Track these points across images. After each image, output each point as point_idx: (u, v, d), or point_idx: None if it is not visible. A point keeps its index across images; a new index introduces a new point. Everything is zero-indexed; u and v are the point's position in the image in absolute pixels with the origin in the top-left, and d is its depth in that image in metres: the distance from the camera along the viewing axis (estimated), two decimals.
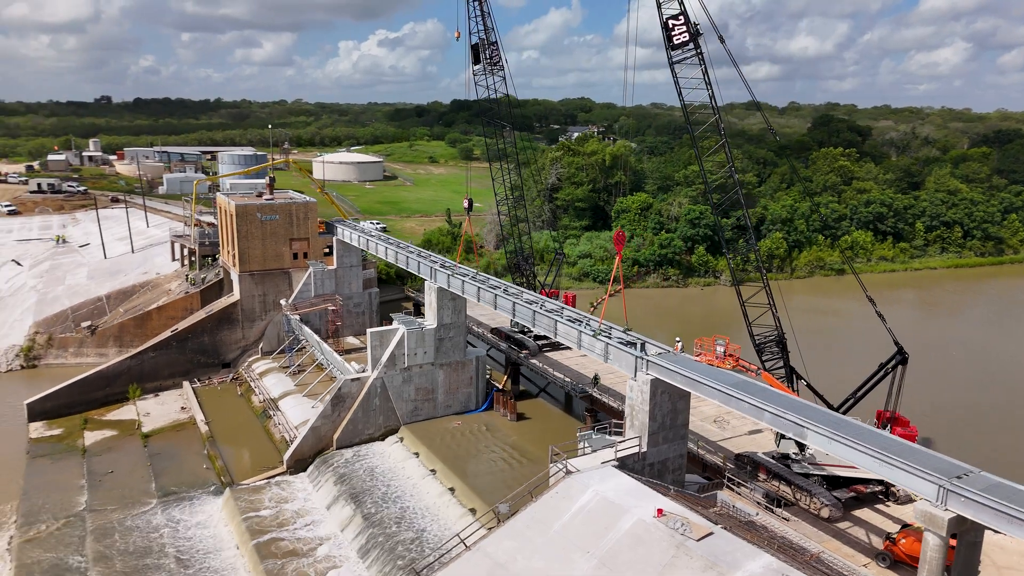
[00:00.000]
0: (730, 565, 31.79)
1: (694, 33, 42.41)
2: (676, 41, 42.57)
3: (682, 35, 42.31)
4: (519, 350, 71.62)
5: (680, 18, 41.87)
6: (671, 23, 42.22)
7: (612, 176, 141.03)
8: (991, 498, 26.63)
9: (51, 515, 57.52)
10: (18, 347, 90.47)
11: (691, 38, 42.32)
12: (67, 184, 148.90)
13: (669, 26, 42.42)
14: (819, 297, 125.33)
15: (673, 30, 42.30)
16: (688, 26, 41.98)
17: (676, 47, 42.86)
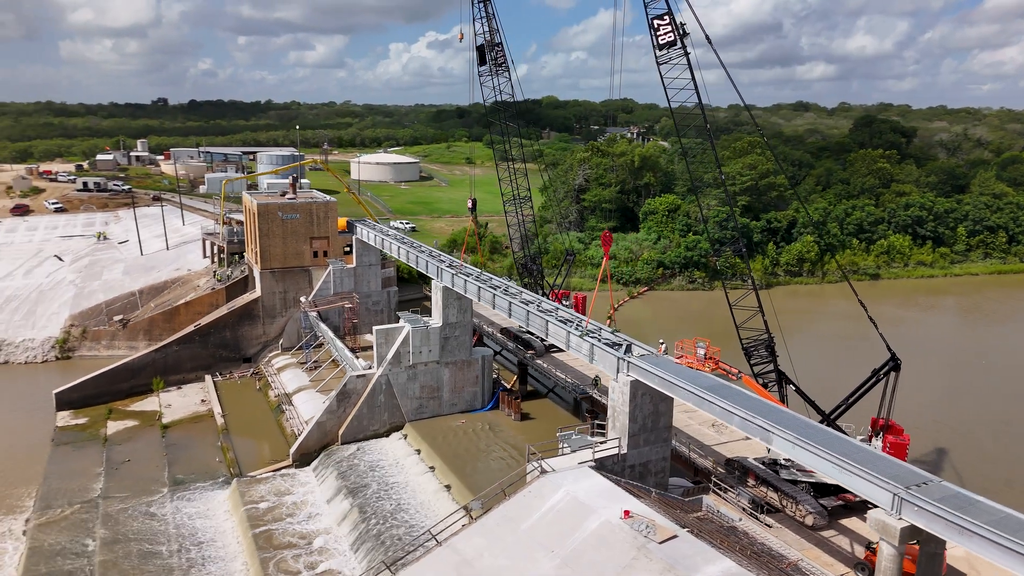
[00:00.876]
0: (688, 568, 31.55)
1: (680, 34, 42.07)
2: (662, 41, 42.31)
3: (667, 35, 42.03)
4: (525, 350, 71.84)
5: (665, 18, 41.62)
6: (656, 23, 41.99)
7: (641, 177, 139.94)
8: (944, 508, 25.90)
9: (67, 500, 59.85)
10: (54, 339, 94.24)
11: (677, 38, 41.97)
12: (112, 183, 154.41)
13: (654, 26, 42.20)
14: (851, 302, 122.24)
15: (659, 30, 42.06)
16: (674, 26, 41.67)
17: (662, 47, 42.58)
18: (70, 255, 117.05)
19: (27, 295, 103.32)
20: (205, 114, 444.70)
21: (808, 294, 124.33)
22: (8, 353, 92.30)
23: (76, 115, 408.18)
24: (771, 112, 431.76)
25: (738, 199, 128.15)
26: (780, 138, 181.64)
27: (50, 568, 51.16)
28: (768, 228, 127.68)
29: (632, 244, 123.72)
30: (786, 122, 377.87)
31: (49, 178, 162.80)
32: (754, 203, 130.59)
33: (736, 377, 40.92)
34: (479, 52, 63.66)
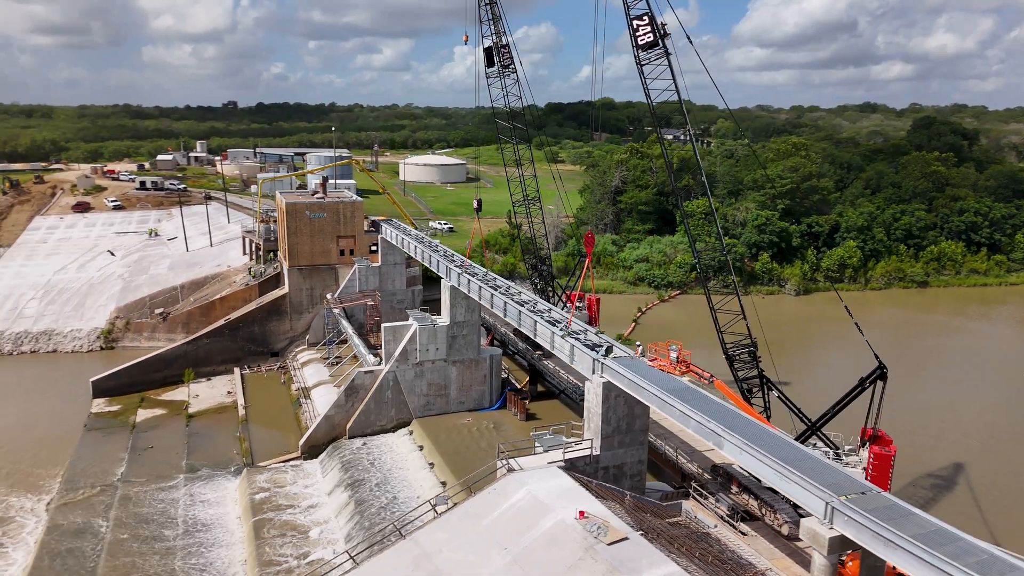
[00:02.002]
0: (631, 571, 31.43)
1: (661, 34, 41.72)
2: (641, 42, 42.04)
3: (646, 36, 41.73)
4: (534, 350, 72.06)
5: (645, 19, 41.33)
6: (635, 24, 41.75)
7: (680, 179, 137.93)
8: (873, 519, 25.16)
9: (89, 483, 63.00)
10: (100, 330, 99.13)
11: (657, 39, 41.62)
12: (168, 182, 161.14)
13: (634, 27, 41.97)
14: (896, 309, 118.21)
15: (638, 31, 41.80)
16: (654, 27, 41.35)
17: (641, 48, 42.30)
18: (122, 250, 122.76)
19: (78, 288, 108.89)
20: (271, 116, 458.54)
21: (849, 301, 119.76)
22: (56, 342, 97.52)
23: (150, 117, 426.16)
24: (835, 113, 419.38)
25: (778, 202, 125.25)
26: (831, 140, 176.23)
27: (64, 546, 54.01)
28: (809, 232, 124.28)
29: (666, 247, 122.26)
30: (850, 124, 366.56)
31: (112, 177, 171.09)
32: (795, 206, 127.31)
33: (708, 381, 40.36)
34: (486, 54, 64.19)
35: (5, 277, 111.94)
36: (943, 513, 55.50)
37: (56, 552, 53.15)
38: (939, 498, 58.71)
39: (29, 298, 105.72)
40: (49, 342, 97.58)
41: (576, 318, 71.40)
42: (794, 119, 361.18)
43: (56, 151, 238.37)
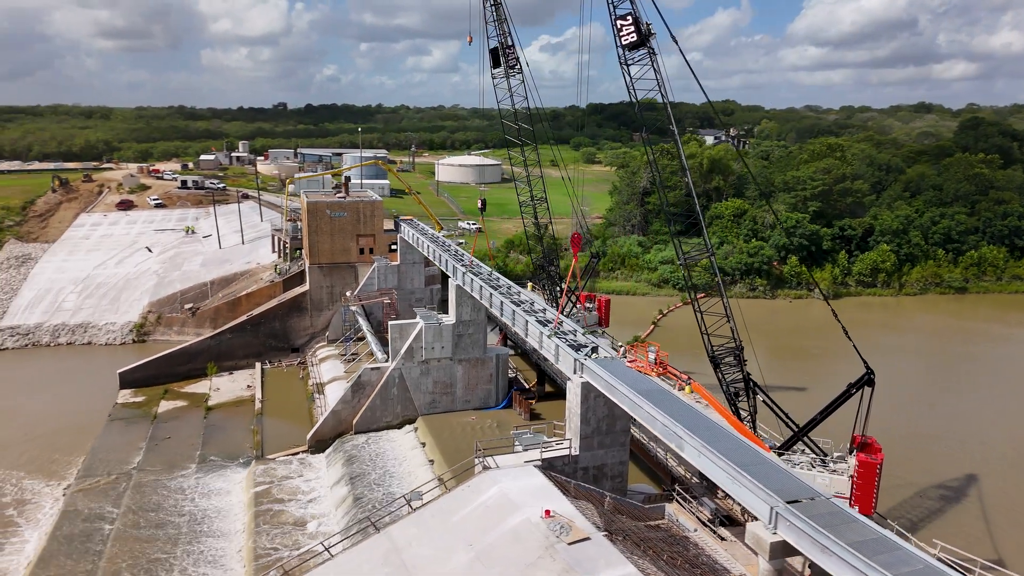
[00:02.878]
0: (586, 571, 31.40)
1: (645, 34, 41.42)
2: (625, 42, 41.81)
3: (630, 35, 41.48)
4: None
5: (628, 18, 41.09)
6: (619, 23, 41.54)
7: (710, 181, 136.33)
8: (813, 525, 24.71)
9: (106, 470, 65.37)
10: (132, 323, 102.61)
11: (640, 39, 41.33)
12: (208, 181, 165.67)
13: (617, 26, 41.77)
14: (931, 316, 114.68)
15: (621, 31, 41.59)
16: (637, 27, 41.08)
17: (626, 48, 42.07)
18: (159, 247, 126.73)
19: (115, 283, 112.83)
20: (318, 118, 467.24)
21: (882, 307, 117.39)
22: (92, 335, 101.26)
23: (202, 118, 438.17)
24: (887, 114, 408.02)
25: (809, 204, 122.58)
26: (871, 141, 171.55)
27: (75, 529, 56.19)
28: (841, 236, 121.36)
29: (691, 249, 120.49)
30: (903, 124, 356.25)
31: (156, 176, 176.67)
32: (827, 209, 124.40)
33: (685, 383, 39.96)
34: (493, 55, 64.49)
35: (47, 271, 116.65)
36: (944, 522, 54.00)
37: (67, 535, 55.34)
38: (944, 509, 56.96)
39: (68, 292, 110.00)
40: (85, 334, 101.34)
41: (585, 318, 71.56)
42: (843, 120, 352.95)
43: (109, 151, 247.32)
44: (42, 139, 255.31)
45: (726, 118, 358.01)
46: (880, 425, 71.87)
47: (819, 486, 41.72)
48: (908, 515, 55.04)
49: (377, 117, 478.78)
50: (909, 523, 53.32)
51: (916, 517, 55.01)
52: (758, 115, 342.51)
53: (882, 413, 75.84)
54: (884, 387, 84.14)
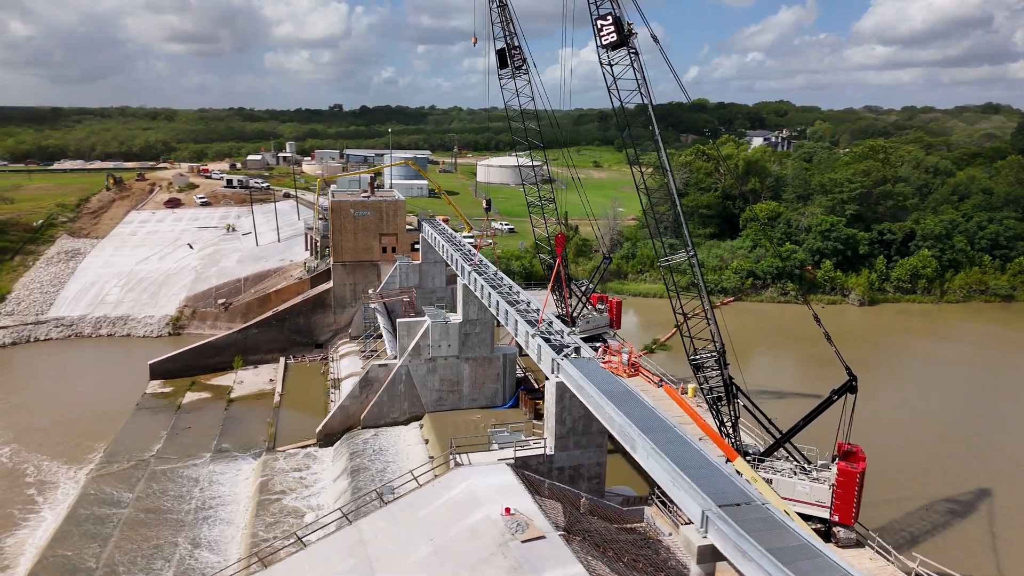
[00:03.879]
0: (533, 569, 31.56)
1: (626, 34, 41.14)
2: (604, 42, 41.63)
3: (610, 36, 41.27)
4: None
5: (608, 18, 40.89)
6: (599, 23, 41.38)
7: (746, 182, 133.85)
8: (737, 530, 24.33)
9: (126, 457, 68.09)
10: (169, 317, 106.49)
11: (621, 39, 41.06)
12: (253, 181, 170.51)
13: (598, 26, 41.61)
14: (974, 324, 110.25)
15: (602, 31, 41.42)
16: (618, 27, 40.83)
17: (605, 48, 41.87)
18: (199, 244, 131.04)
19: (156, 278, 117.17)
20: (371, 119, 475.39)
21: (921, 314, 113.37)
22: (131, 327, 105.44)
23: (260, 120, 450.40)
24: (952, 115, 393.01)
25: (846, 207, 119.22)
26: (920, 143, 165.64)
27: (89, 513, 58.77)
28: (879, 240, 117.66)
29: (724, 252, 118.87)
30: (968, 125, 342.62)
31: (205, 176, 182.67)
32: (866, 212, 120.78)
33: (657, 385, 39.58)
34: (499, 56, 64.76)
35: (94, 266, 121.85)
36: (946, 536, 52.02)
37: (81, 518, 57.91)
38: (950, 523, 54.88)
39: (112, 286, 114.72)
40: (124, 327, 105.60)
41: (596, 319, 71.36)
42: (903, 120, 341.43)
43: (166, 151, 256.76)
44: (105, 139, 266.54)
45: (779, 119, 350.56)
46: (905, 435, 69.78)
47: (799, 494, 41.08)
48: (908, 528, 53.28)
49: (429, 119, 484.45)
50: (908, 536, 51.68)
51: (917, 530, 53.21)
52: (812, 116, 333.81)
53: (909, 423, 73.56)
54: (917, 397, 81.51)
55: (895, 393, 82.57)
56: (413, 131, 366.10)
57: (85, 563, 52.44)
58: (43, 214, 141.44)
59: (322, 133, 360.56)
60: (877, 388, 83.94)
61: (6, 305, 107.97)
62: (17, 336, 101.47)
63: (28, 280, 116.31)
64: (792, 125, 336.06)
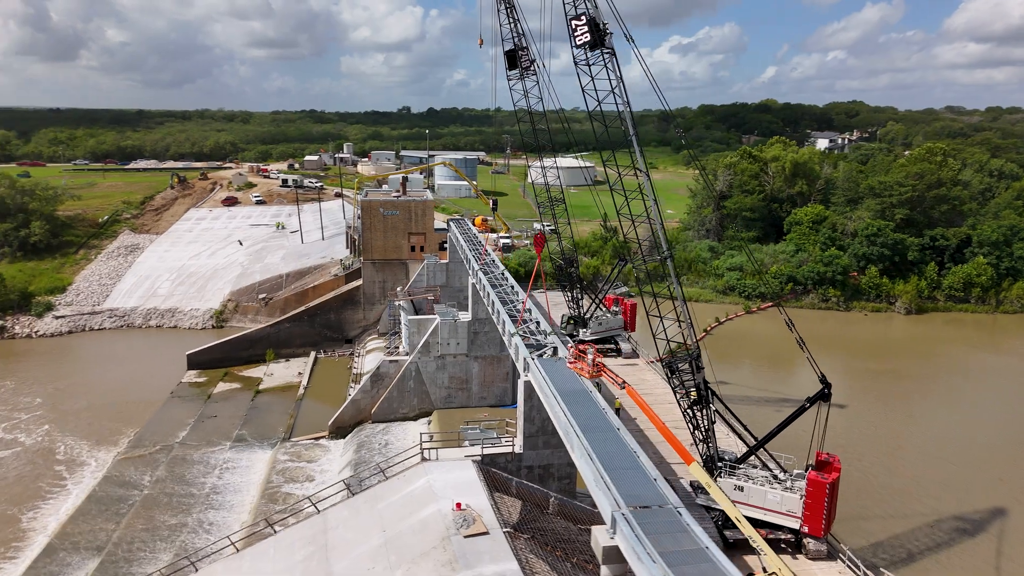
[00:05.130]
0: (467, 564, 31.91)
1: (601, 33, 40.80)
2: (578, 42, 41.41)
3: (584, 35, 41.03)
4: None
5: (583, 18, 40.67)
6: (574, 23, 41.18)
7: (794, 185, 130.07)
8: (638, 532, 24.08)
9: (152, 442, 71.52)
10: (213, 310, 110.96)
11: (595, 39, 40.74)
12: (307, 181, 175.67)
13: (572, 27, 41.42)
14: None
15: (576, 31, 41.22)
16: (593, 28, 40.53)
17: (580, 48, 41.63)
18: (249, 241, 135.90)
19: (205, 272, 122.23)
20: (437, 121, 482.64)
21: (975, 324, 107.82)
22: (178, 319, 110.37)
23: (329, 122, 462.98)
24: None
25: (896, 211, 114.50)
26: (987, 145, 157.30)
27: (110, 493, 62.10)
28: (931, 246, 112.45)
29: (765, 256, 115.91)
30: None
31: (264, 175, 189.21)
32: (917, 217, 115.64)
33: (620, 386, 39.16)
34: (508, 57, 65.02)
35: (150, 261, 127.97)
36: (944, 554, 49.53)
37: (102, 498, 61.26)
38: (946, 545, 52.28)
39: (164, 280, 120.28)
40: (172, 318, 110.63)
41: (608, 321, 70.92)
42: (987, 121, 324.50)
43: (234, 152, 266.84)
44: (179, 140, 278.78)
45: (850, 120, 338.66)
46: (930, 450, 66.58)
47: (770, 503, 40.05)
48: (902, 545, 51.03)
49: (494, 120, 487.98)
50: (904, 553, 49.56)
51: (914, 548, 50.90)
52: (884, 116, 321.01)
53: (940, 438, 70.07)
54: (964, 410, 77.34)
55: (934, 406, 79.03)
56: (473, 132, 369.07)
57: (98, 539, 55.48)
58: (109, 210, 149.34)
59: (385, 135, 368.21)
60: (916, 401, 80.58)
61: (66, 296, 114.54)
62: (73, 325, 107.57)
63: (88, 273, 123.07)
64: (863, 126, 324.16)
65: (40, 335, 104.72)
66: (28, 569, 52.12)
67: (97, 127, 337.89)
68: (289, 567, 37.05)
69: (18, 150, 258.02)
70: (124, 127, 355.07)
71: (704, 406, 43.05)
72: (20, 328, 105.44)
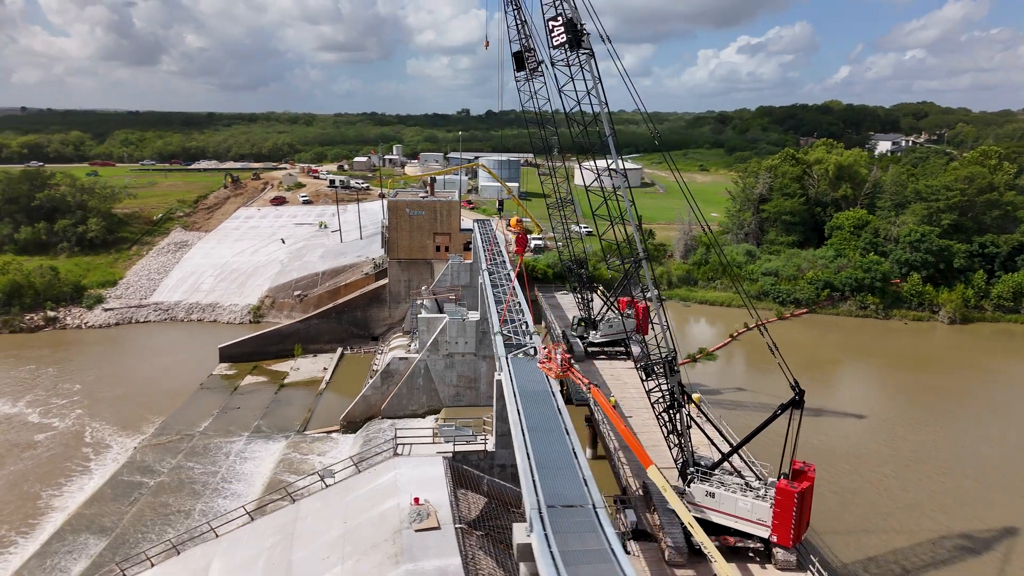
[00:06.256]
0: (410, 557, 32.34)
1: (578, 32, 40.57)
2: (555, 43, 41.29)
3: (560, 36, 40.89)
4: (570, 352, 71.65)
5: (559, 19, 40.56)
6: (551, 24, 41.11)
7: (838, 189, 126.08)
8: (546, 532, 24.06)
9: (175, 431, 74.38)
10: (251, 306, 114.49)
11: (572, 39, 40.53)
12: (354, 181, 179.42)
13: (549, 27, 41.35)
14: None
15: (552, 31, 41.13)
16: (568, 28, 40.34)
17: (556, 48, 41.50)
18: (292, 239, 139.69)
19: (246, 269, 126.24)
20: (495, 123, 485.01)
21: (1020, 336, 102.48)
22: (218, 314, 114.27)
23: (388, 124, 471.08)
24: None
25: (943, 217, 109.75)
26: None
27: (130, 478, 64.93)
28: (980, 253, 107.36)
29: (802, 261, 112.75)
30: None
31: (314, 176, 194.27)
32: (966, 222, 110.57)
33: (586, 388, 38.93)
34: (516, 58, 65.16)
35: (196, 257, 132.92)
36: None
37: (120, 482, 64.11)
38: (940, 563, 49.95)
39: (208, 275, 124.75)
40: (212, 313, 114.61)
41: (619, 324, 70.31)
42: None
43: (291, 153, 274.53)
44: (239, 142, 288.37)
45: (918, 122, 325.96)
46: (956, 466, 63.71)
47: (741, 511, 39.20)
48: (901, 560, 49.00)
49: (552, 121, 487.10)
50: (899, 569, 47.61)
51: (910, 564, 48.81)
52: (955, 118, 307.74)
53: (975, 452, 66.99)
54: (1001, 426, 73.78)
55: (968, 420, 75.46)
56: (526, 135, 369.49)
57: (108, 521, 58.09)
58: (164, 209, 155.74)
59: (440, 137, 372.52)
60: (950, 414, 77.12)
61: (116, 289, 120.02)
62: (121, 317, 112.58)
63: (139, 268, 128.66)
64: (932, 129, 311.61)
65: (89, 326, 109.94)
66: (43, 546, 55.00)
67: (169, 129, 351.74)
68: (257, 553, 38.18)
69: (91, 151, 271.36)
70: (193, 129, 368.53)
71: (678, 410, 42.42)
72: (71, 319, 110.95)
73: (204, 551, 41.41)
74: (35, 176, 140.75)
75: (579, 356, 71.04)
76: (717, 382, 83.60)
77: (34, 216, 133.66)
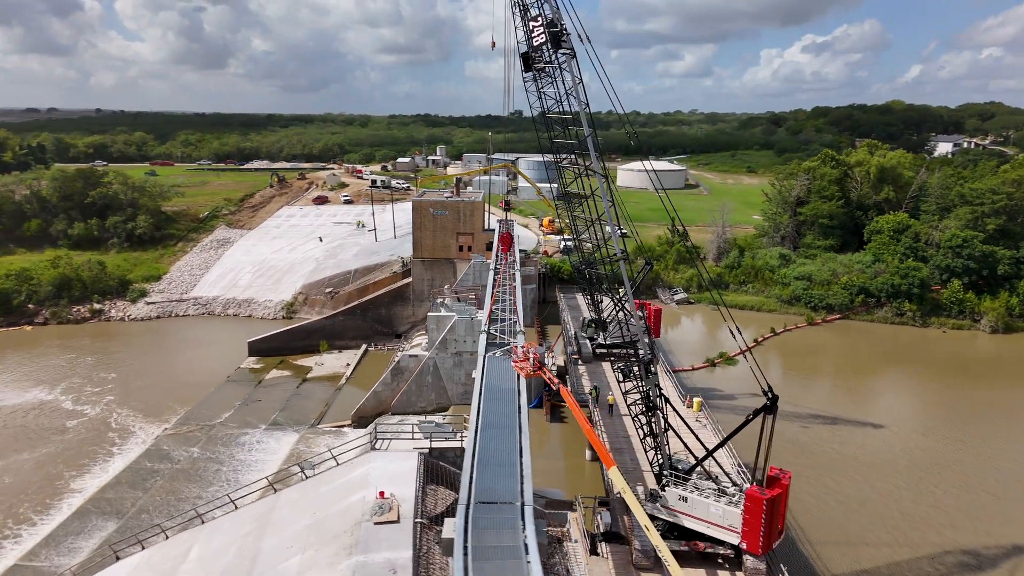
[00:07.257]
0: (363, 549, 32.84)
1: (558, 34, 40.49)
2: (535, 43, 41.26)
3: (540, 36, 40.85)
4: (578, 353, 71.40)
5: (539, 19, 40.53)
6: (531, 24, 41.09)
7: (880, 191, 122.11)
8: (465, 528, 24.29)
9: (197, 421, 76.96)
10: (285, 302, 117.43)
11: (553, 38, 40.45)
12: (395, 182, 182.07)
13: (529, 27, 41.32)
14: None
15: (533, 31, 41.11)
16: (549, 28, 40.28)
17: (536, 48, 41.44)
18: (329, 238, 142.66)
19: (283, 266, 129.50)
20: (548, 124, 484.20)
21: None
22: (252, 309, 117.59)
23: (441, 125, 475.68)
24: None
25: (988, 221, 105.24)
26: None
27: (148, 464, 67.52)
28: (1019, 259, 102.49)
29: (838, 266, 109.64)
30: None
31: (357, 176, 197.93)
32: (1014, 227, 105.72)
33: (555, 387, 38.85)
34: (524, 59, 65.11)
35: (236, 254, 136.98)
36: None
37: (138, 468, 66.73)
38: None
39: (246, 272, 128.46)
40: (248, 308, 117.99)
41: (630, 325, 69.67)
42: None
43: (341, 153, 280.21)
44: (291, 143, 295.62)
45: (984, 123, 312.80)
46: None
47: (712, 516, 38.61)
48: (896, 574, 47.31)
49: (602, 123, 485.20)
50: None
51: None
52: (1019, 119, 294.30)
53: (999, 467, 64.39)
54: None
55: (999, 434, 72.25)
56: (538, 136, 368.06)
57: (124, 506, 60.56)
58: (211, 207, 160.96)
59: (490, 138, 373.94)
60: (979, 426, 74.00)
61: (160, 284, 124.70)
62: (161, 311, 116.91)
63: (183, 263, 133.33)
64: (999, 130, 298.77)
65: (132, 319, 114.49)
66: (59, 526, 57.70)
67: (227, 130, 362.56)
68: (232, 540, 39.32)
69: (153, 151, 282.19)
70: (251, 130, 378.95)
71: (654, 412, 41.95)
72: (115, 312, 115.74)
73: (189, 536, 42.83)
74: (89, 174, 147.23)
75: (587, 357, 70.71)
76: (738, 388, 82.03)
77: (87, 213, 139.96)
